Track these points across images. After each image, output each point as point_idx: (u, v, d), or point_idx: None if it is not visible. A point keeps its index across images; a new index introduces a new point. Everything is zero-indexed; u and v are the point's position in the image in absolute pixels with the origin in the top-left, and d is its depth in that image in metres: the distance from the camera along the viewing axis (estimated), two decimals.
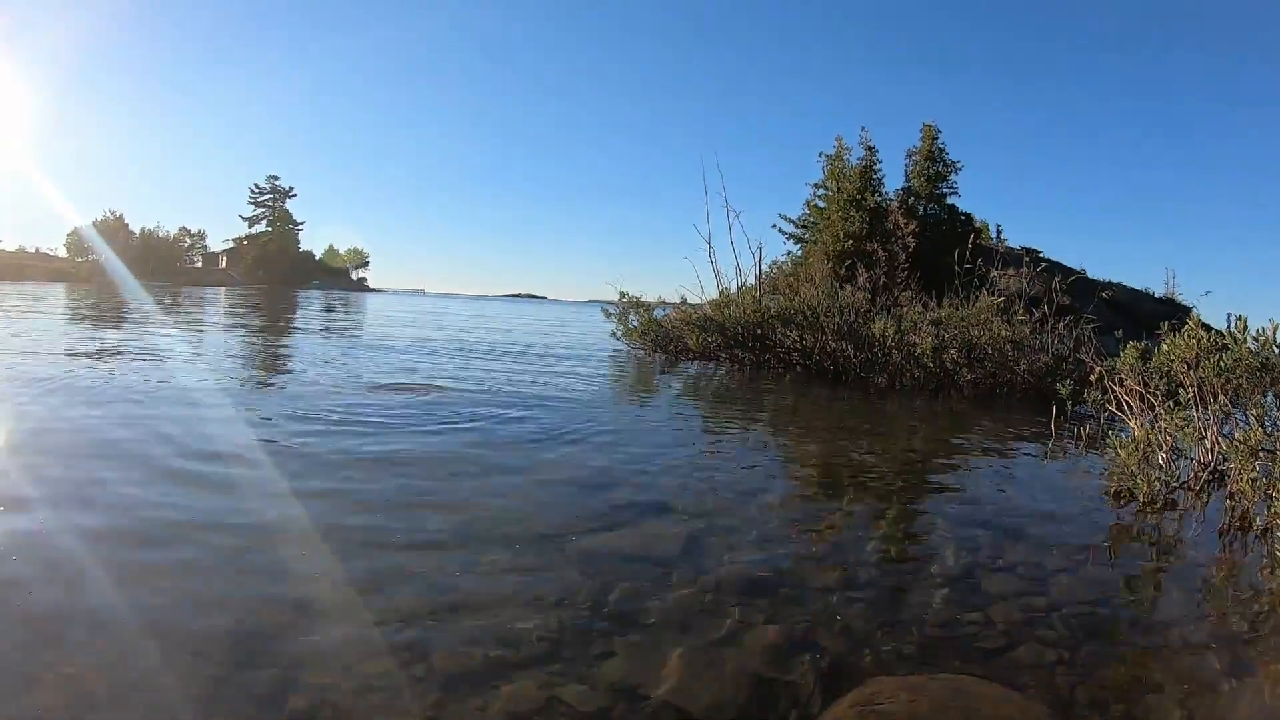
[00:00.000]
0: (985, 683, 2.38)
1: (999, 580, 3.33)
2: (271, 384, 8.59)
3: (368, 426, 5.91)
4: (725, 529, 3.89)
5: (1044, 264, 14.21)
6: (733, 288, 15.46)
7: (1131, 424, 5.35)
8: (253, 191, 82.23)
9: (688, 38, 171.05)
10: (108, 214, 73.73)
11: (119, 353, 10.36)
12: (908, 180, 20.12)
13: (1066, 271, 16.74)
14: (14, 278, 44.61)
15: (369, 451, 5.09)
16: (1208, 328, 5.12)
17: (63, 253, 69.18)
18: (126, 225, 74.12)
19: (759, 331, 12.40)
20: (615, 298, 15.09)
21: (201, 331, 16.12)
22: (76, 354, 9.96)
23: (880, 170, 19.07)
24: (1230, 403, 4.80)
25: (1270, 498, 3.88)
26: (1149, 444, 4.77)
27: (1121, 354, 5.81)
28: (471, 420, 6.41)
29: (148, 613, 2.59)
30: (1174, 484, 4.67)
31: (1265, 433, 4.14)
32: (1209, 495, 4.69)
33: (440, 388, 8.27)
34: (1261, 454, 4.11)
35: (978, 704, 2.26)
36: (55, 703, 2.06)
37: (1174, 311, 15.44)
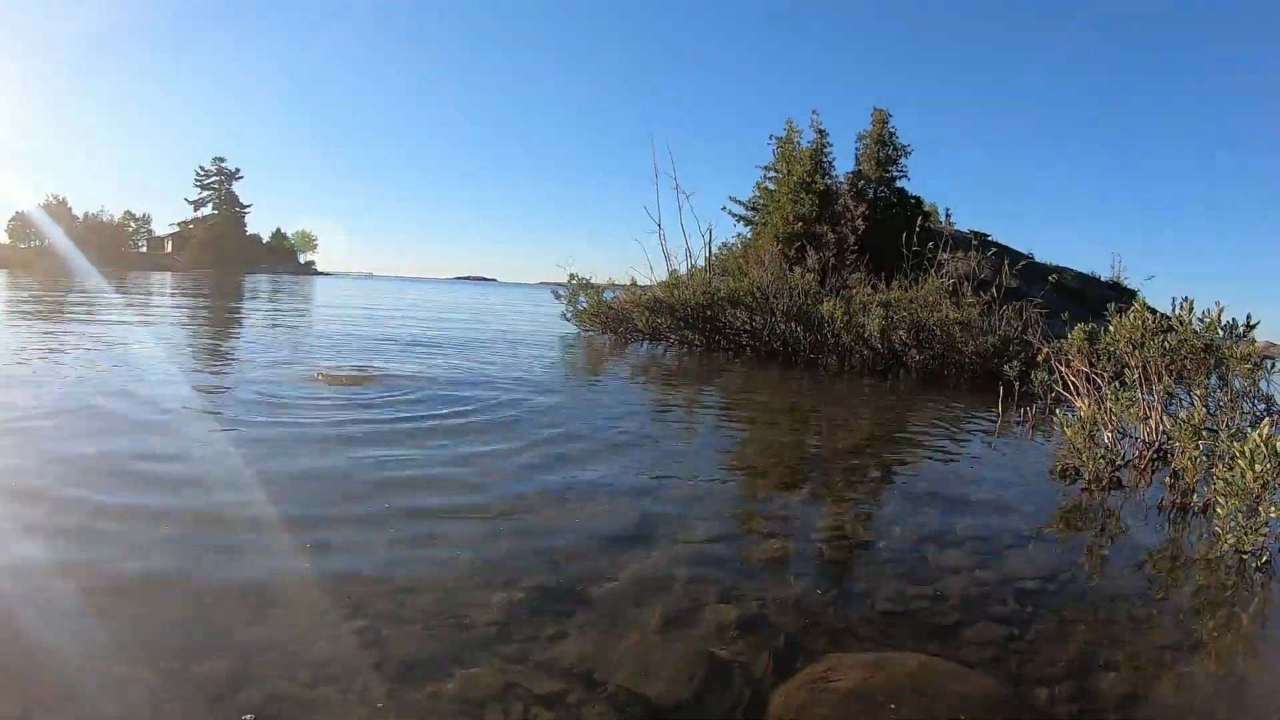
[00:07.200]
0: (938, 660, 2.37)
1: (949, 557, 3.34)
2: (219, 371, 8.33)
3: (319, 413, 5.75)
4: (676, 508, 3.86)
5: (994, 248, 14.38)
6: (683, 269, 15.40)
7: (1078, 404, 5.42)
8: (199, 174, 79.87)
9: (640, 16, 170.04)
10: (50, 198, 70.36)
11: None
12: (858, 164, 20.17)
13: (1015, 255, 16.97)
14: None
15: (318, 434, 4.96)
16: (1153, 311, 5.19)
17: (3, 239, 66.25)
18: (70, 210, 70.87)
19: (708, 313, 12.37)
20: (565, 280, 14.96)
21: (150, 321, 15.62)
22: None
23: (831, 153, 19.03)
24: (1175, 383, 4.87)
25: (1211, 476, 3.94)
26: (1095, 423, 4.82)
27: (1069, 336, 5.88)
28: (418, 403, 6.26)
29: (93, 605, 2.48)
30: (1119, 462, 4.72)
31: (1209, 412, 4.20)
32: (1153, 473, 4.76)
33: (389, 374, 8.09)
34: (1205, 433, 4.17)
35: (930, 680, 2.25)
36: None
37: (1121, 295, 15.79)
